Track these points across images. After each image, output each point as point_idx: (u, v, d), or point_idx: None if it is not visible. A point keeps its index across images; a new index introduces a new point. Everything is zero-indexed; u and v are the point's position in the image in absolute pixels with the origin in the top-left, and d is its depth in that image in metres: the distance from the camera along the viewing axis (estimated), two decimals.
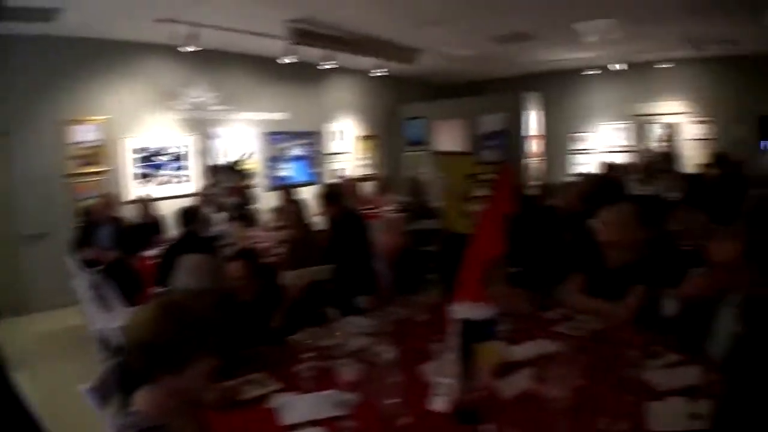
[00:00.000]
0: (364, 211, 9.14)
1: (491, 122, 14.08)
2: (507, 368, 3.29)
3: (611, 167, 11.99)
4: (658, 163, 12.16)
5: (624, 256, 4.46)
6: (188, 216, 7.18)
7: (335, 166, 13.73)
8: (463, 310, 2.78)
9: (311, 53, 10.33)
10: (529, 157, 14.10)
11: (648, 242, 5.07)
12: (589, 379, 3.19)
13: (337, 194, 7.97)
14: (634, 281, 4.29)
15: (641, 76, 14.69)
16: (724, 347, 3.49)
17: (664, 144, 14.82)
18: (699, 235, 3.92)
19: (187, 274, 3.70)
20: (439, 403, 2.92)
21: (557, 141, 15.82)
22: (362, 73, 13.33)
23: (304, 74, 12.33)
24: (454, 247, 3.12)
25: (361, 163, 14.57)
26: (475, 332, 2.78)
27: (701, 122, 14.67)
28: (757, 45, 12.49)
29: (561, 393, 2.85)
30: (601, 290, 4.41)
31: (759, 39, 11.81)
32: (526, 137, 13.99)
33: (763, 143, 13.97)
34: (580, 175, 11.74)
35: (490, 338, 2.86)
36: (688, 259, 4.31)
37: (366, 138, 14.76)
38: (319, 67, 11.34)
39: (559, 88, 15.63)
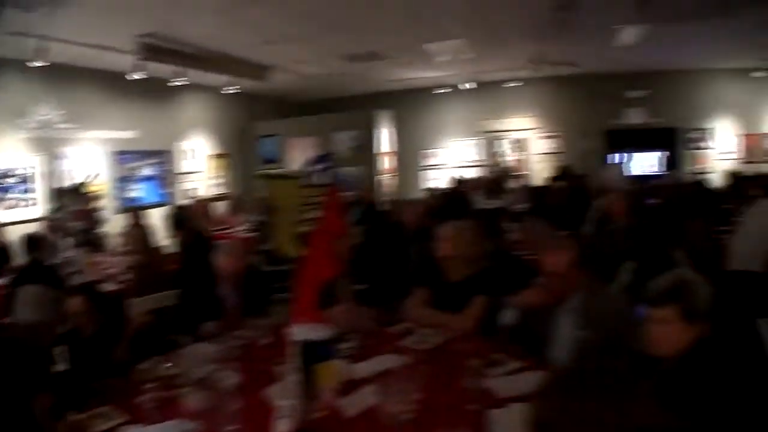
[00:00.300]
0: (217, 232, 9.00)
1: (345, 139, 14.14)
2: (350, 386, 3.32)
3: (460, 182, 12.24)
4: (506, 177, 12.50)
5: (464, 269, 4.60)
6: (32, 243, 6.89)
7: (187, 186, 13.35)
8: (301, 332, 2.78)
9: (162, 69, 10.06)
10: (382, 174, 14.24)
11: (490, 254, 5.23)
12: (432, 391, 3.25)
13: (187, 216, 7.85)
14: (475, 292, 4.41)
15: (490, 94, 15.18)
16: (564, 352, 3.63)
17: (513, 158, 15.34)
18: (542, 246, 4.07)
19: (26, 306, 3.57)
20: (282, 426, 2.91)
21: (409, 157, 16.07)
22: (214, 90, 13.02)
23: (155, 91, 11.92)
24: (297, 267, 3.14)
25: (214, 182, 14.25)
26: (314, 353, 2.79)
27: (549, 137, 15.35)
28: (600, 64, 13.17)
29: (403, 407, 2.89)
30: (445, 303, 4.53)
31: (602, 58, 12.43)
32: (378, 154, 14.13)
33: (609, 156, 14.72)
34: (429, 190, 11.97)
35: (330, 358, 2.88)
36: (530, 269, 4.46)
37: (218, 156, 14.45)
38: (170, 84, 11.05)
39: (411, 105, 15.86)
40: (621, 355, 3.10)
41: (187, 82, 11.28)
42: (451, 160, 16.07)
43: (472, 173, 14.45)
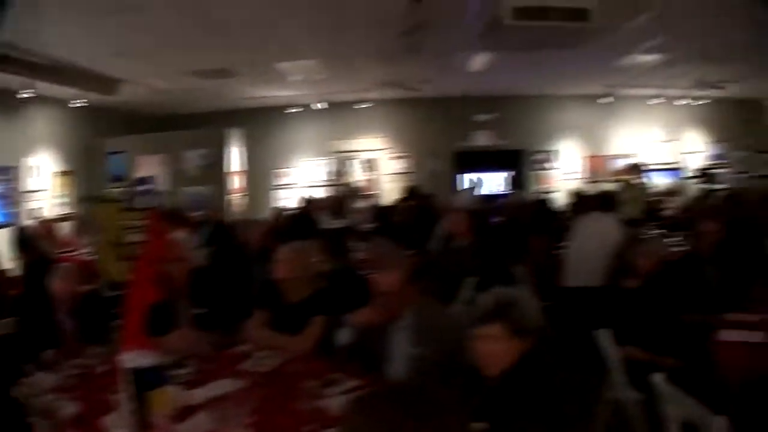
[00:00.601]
0: (61, 255, 8.71)
1: (194, 158, 13.87)
2: (185, 412, 3.27)
3: (309, 202, 12.17)
4: (352, 197, 12.63)
5: (303, 290, 4.67)
6: None
7: (33, 205, 12.61)
8: (131, 359, 2.77)
9: (8, 80, 9.64)
10: (232, 193, 14.08)
11: (335, 273, 5.30)
12: (268, 413, 3.28)
13: (30, 238, 7.59)
14: (314, 313, 4.49)
15: (342, 115, 15.37)
16: (400, 369, 3.73)
17: (363, 178, 15.56)
18: (376, 264, 4.16)
19: None
20: None
21: (261, 176, 15.91)
22: (62, 104, 12.52)
23: (1, 103, 11.45)
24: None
25: (60, 201, 13.52)
26: (146, 380, 2.78)
27: (399, 157, 15.67)
28: (450, 87, 13.59)
29: (239, 431, 2.92)
30: (284, 324, 4.57)
31: (451, 82, 12.81)
32: (229, 173, 13.97)
33: (458, 176, 15.19)
34: (276, 210, 11.97)
35: (162, 384, 2.87)
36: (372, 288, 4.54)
37: (65, 174, 13.86)
38: (18, 96, 10.56)
39: (263, 124, 15.77)
40: (455, 371, 3.23)
41: (35, 95, 10.82)
42: (303, 179, 16.09)
43: (322, 193, 14.51)
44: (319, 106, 14.56)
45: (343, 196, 12.53)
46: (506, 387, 2.93)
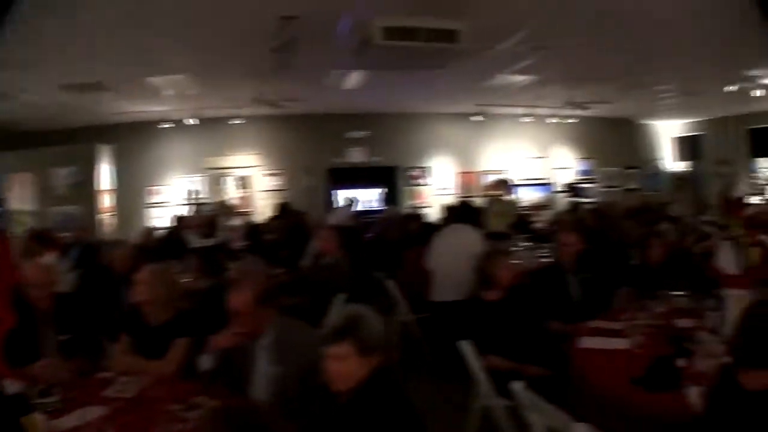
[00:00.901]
0: None
1: (64, 175, 13.39)
2: None
3: (180, 220, 12.01)
4: (222, 215, 12.47)
5: (164, 313, 4.59)
6: None
7: None
8: None
9: None
10: (103, 212, 13.69)
11: (205, 292, 5.22)
12: None
13: None
14: (177, 335, 4.43)
15: (215, 131, 15.14)
16: (262, 389, 3.72)
17: (237, 195, 15.55)
18: (239, 284, 4.11)
19: None
20: None
21: (134, 194, 15.34)
22: None
23: None
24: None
25: None
26: (10, 407, 2.70)
27: (273, 174, 15.69)
28: (323, 104, 13.68)
29: None
30: (148, 348, 4.47)
31: (324, 99, 12.90)
32: (99, 191, 13.59)
33: (333, 192, 15.39)
34: (145, 229, 11.72)
35: (28, 412, 2.79)
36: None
37: None
38: None
39: (135, 139, 15.22)
40: (312, 389, 3.25)
41: None
42: (176, 197, 15.61)
43: (194, 211, 14.22)
44: (191, 121, 14.23)
45: (216, 214, 12.38)
46: (355, 404, 3.01)
